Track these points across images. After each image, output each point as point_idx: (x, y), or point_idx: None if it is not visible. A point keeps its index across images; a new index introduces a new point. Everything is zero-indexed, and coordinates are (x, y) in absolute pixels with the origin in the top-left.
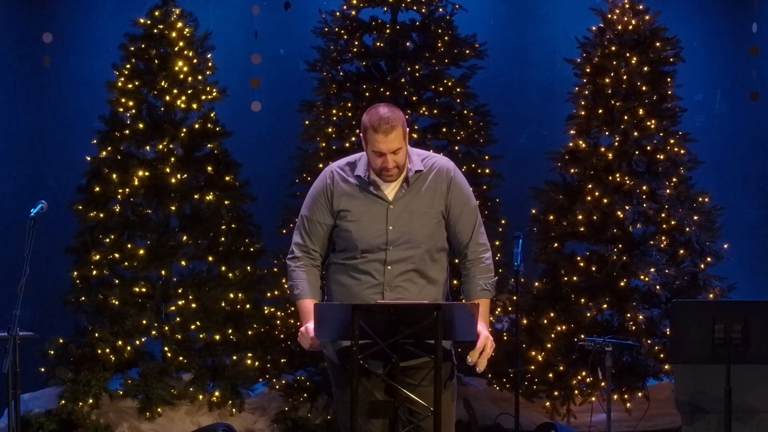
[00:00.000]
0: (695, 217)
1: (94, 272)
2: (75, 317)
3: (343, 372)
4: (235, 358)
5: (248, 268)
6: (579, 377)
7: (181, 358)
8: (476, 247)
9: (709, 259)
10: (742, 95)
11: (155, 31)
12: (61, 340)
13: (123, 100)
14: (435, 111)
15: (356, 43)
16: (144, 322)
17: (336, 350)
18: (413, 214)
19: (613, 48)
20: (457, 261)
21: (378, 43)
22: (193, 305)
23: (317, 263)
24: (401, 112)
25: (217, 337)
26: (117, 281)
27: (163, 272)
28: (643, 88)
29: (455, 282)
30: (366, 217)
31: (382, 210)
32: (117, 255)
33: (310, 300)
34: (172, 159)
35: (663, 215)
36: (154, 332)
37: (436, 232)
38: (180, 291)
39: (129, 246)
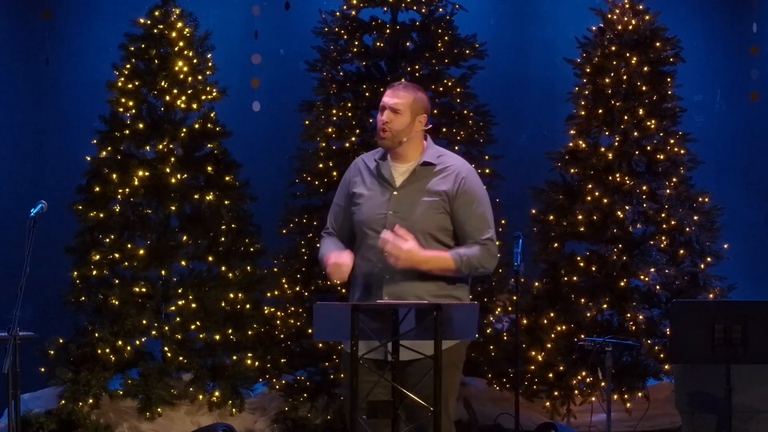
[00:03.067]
0: (695, 217)
1: (94, 272)
2: (75, 317)
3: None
4: (235, 358)
5: (248, 268)
6: (579, 377)
7: (181, 358)
8: (481, 240)
9: (709, 259)
10: (742, 95)
11: (155, 31)
12: (61, 340)
13: (123, 100)
14: (435, 111)
15: (356, 43)
16: (144, 322)
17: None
18: (415, 203)
19: (613, 48)
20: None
21: (378, 43)
22: (193, 305)
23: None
24: (427, 96)
25: (217, 337)
26: (117, 281)
27: (163, 272)
28: (643, 88)
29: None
30: (371, 200)
31: (387, 194)
32: (117, 255)
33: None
34: (172, 159)
35: (663, 215)
36: (154, 332)
37: (439, 222)
38: (180, 291)
39: (129, 246)
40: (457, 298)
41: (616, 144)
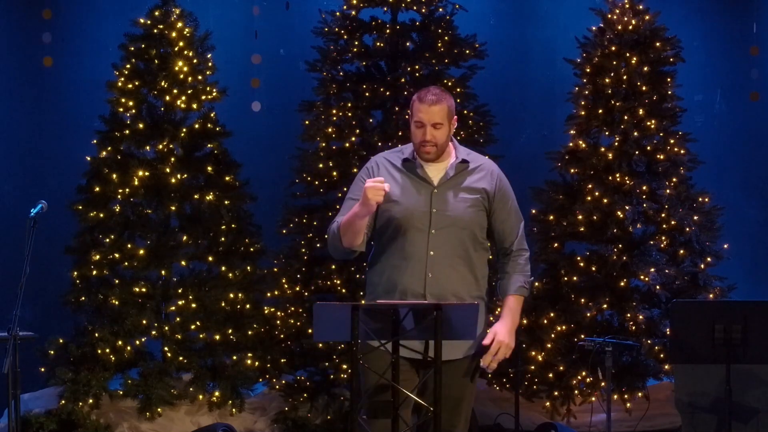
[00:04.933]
0: (695, 217)
1: (94, 272)
2: (75, 317)
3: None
4: (235, 358)
5: (248, 268)
6: (579, 377)
7: (181, 358)
8: (519, 246)
9: (709, 259)
10: (742, 95)
11: (155, 31)
12: (61, 340)
13: (123, 100)
14: None
15: (356, 43)
16: (144, 322)
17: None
18: (457, 200)
19: (613, 48)
20: (492, 257)
21: (378, 43)
22: (193, 305)
23: None
24: (452, 98)
25: (217, 337)
26: (117, 281)
27: (163, 272)
28: (643, 88)
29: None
30: (409, 199)
31: (427, 192)
32: (117, 255)
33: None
34: (172, 159)
35: (663, 215)
36: (154, 332)
37: (480, 220)
38: (180, 291)
39: (129, 246)
40: (483, 298)
41: (616, 144)
